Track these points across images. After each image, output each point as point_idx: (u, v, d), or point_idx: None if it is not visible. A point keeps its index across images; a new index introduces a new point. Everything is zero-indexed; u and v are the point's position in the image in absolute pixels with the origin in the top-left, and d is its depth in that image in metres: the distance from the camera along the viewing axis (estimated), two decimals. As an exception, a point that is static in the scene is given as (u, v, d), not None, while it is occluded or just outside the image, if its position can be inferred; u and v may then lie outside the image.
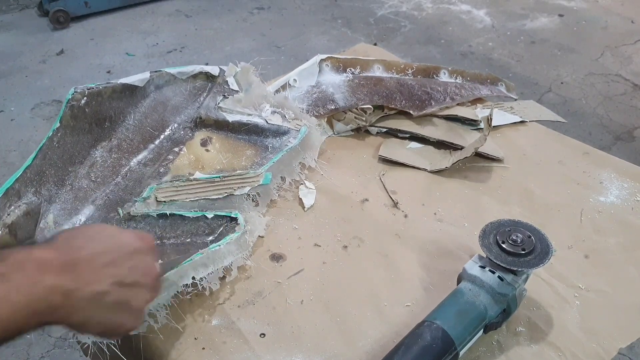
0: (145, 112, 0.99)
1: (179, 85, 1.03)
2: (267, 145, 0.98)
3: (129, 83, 0.95)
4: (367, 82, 1.12)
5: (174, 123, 1.01)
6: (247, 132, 1.00)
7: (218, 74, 1.06)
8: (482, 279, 0.68)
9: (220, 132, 1.01)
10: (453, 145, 1.03)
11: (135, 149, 0.96)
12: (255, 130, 1.00)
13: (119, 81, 0.94)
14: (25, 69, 3.04)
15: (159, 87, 1.01)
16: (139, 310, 0.55)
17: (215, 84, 1.05)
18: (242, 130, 1.00)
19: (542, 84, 2.82)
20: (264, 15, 3.61)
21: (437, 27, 3.41)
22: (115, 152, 0.94)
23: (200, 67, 1.05)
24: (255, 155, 0.97)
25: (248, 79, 1.05)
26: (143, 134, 0.97)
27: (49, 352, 1.63)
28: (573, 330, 0.72)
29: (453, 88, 1.15)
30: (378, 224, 0.89)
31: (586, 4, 3.63)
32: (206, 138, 0.99)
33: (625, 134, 2.49)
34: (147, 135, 0.98)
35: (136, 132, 0.97)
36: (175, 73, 1.02)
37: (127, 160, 0.94)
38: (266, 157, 0.95)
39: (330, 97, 1.08)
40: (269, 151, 0.97)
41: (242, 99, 1.03)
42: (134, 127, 0.97)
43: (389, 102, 1.08)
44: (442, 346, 0.63)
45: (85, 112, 0.89)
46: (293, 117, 1.01)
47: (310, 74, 1.13)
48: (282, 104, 1.03)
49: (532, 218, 0.87)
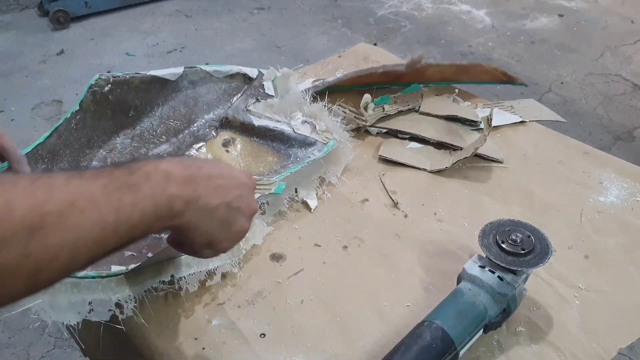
0: (174, 105, 0.99)
1: (214, 83, 1.03)
2: (291, 154, 0.96)
3: (159, 76, 0.95)
4: (355, 74, 1.12)
5: (200, 120, 1.01)
6: (272, 139, 0.98)
7: (256, 76, 1.05)
8: (481, 279, 0.68)
9: (245, 135, 0.99)
10: (453, 147, 1.03)
11: (157, 140, 0.96)
12: (280, 138, 0.97)
13: (148, 73, 0.94)
14: (25, 69, 3.04)
15: (192, 82, 1.01)
16: (237, 233, 0.61)
17: (251, 87, 1.04)
18: (267, 136, 0.98)
19: (542, 84, 2.82)
20: (264, 15, 3.61)
21: (437, 27, 3.41)
22: (136, 141, 0.94)
23: (238, 67, 1.04)
24: (275, 163, 0.95)
25: (287, 85, 1.04)
26: (167, 127, 0.98)
27: (49, 352, 1.63)
28: (573, 330, 0.72)
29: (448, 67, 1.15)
30: (378, 224, 0.89)
31: (586, 4, 3.63)
32: (229, 139, 0.99)
33: (625, 134, 2.49)
34: (172, 129, 0.98)
35: (161, 123, 0.97)
36: (211, 71, 1.02)
37: (146, 149, 0.95)
38: (286, 166, 0.93)
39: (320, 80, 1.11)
40: (291, 160, 0.94)
41: (275, 104, 1.01)
42: (160, 119, 0.97)
43: (375, 71, 1.09)
44: (442, 346, 0.63)
45: (108, 99, 0.91)
46: (324, 129, 0.97)
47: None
48: (316, 114, 1.00)
49: (532, 218, 0.87)
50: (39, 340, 1.66)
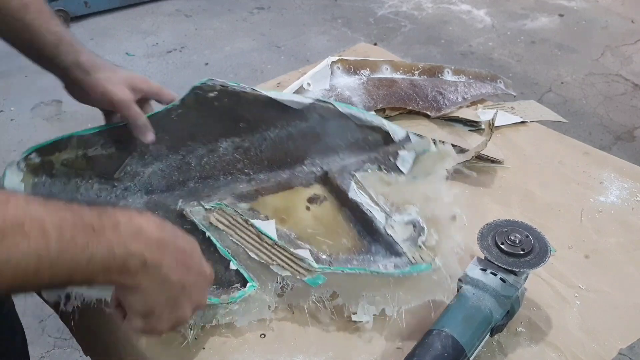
0: (292, 133, 0.87)
1: (346, 127, 0.87)
2: (371, 250, 0.76)
3: (279, 100, 0.85)
4: (381, 84, 1.11)
5: (309, 161, 0.87)
6: (360, 221, 0.80)
7: (400, 139, 0.84)
8: (484, 282, 0.68)
9: (337, 201, 0.82)
10: (454, 148, 1.03)
11: (258, 162, 0.88)
12: (366, 225, 0.78)
13: (265, 93, 0.84)
14: (25, 69, 3.03)
15: (323, 118, 0.87)
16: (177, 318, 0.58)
17: (384, 149, 0.84)
18: (356, 215, 0.80)
19: (542, 84, 2.82)
20: (264, 15, 3.61)
21: (437, 27, 3.40)
22: (239, 153, 0.87)
23: (381, 121, 0.86)
24: (345, 250, 0.76)
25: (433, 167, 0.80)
26: (274, 153, 0.87)
27: (48, 352, 1.63)
28: (573, 330, 0.72)
29: (462, 87, 1.15)
30: (378, 224, 0.88)
31: (586, 4, 3.63)
32: (320, 196, 0.83)
33: (625, 134, 2.49)
34: (277, 157, 0.87)
35: (269, 147, 0.87)
36: (347, 113, 0.86)
37: (242, 165, 0.87)
38: (350, 260, 0.75)
39: (348, 101, 1.05)
40: (362, 256, 0.75)
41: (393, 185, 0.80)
42: (271, 143, 0.88)
43: (405, 104, 1.08)
44: (453, 354, 0.62)
45: (213, 104, 0.84)
46: (433, 244, 0.73)
47: (323, 77, 1.08)
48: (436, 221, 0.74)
49: (533, 218, 0.87)
50: (39, 340, 1.65)
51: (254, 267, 0.74)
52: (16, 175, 0.80)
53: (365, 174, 0.80)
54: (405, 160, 0.79)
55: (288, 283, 0.72)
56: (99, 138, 0.83)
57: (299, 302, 0.73)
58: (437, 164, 0.77)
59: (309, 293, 0.72)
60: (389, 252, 0.73)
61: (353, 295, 0.71)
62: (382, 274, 0.70)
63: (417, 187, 0.77)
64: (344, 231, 0.78)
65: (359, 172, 0.81)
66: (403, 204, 0.76)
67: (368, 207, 0.78)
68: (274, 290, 0.73)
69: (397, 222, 0.74)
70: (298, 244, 0.77)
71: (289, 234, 0.78)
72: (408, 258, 0.71)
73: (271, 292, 0.73)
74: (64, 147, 0.82)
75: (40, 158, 0.81)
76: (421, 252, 0.72)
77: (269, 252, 0.74)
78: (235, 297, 0.71)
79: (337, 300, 0.72)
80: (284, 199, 0.82)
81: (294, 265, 0.72)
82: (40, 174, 0.82)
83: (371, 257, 0.73)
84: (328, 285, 0.71)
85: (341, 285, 0.71)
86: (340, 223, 0.78)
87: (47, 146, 0.82)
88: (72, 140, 0.82)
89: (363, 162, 0.81)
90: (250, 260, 0.74)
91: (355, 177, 0.81)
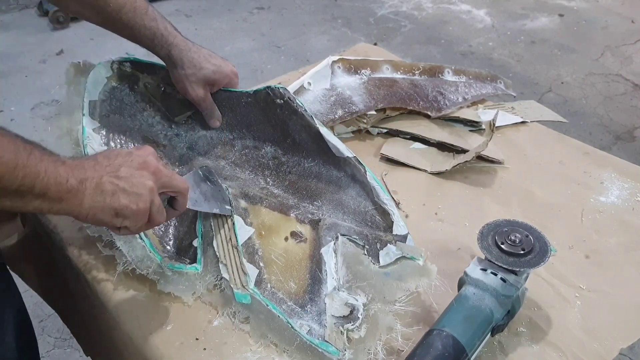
0: (322, 176, 0.89)
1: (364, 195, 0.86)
2: (305, 306, 0.74)
3: (325, 138, 0.86)
4: (382, 83, 1.11)
5: (318, 203, 0.87)
6: (314, 277, 0.78)
7: (397, 234, 0.80)
8: (485, 282, 0.68)
9: (311, 248, 0.81)
10: (454, 148, 1.03)
11: (281, 179, 0.90)
12: (315, 283, 0.76)
13: (318, 126, 0.86)
14: (25, 69, 3.03)
15: (351, 177, 0.87)
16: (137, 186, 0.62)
17: (377, 232, 0.81)
18: (315, 270, 0.78)
19: (542, 84, 2.82)
20: (264, 15, 3.61)
21: (437, 27, 3.40)
22: (273, 163, 0.92)
23: (394, 210, 0.82)
24: (287, 292, 0.76)
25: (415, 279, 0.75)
26: (298, 180, 0.90)
27: (48, 352, 1.63)
28: (574, 330, 0.72)
29: (463, 87, 1.15)
30: (379, 224, 0.88)
31: (586, 4, 3.63)
32: (304, 237, 0.82)
33: (625, 134, 2.49)
34: (297, 185, 0.89)
35: (297, 173, 0.90)
36: (371, 185, 0.84)
37: (269, 172, 0.91)
38: (283, 301, 0.74)
39: (349, 100, 1.05)
40: (295, 306, 0.74)
41: (364, 265, 0.77)
42: (302, 170, 0.90)
43: (406, 104, 1.08)
44: (454, 354, 0.62)
45: (276, 110, 0.90)
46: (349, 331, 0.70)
47: (324, 76, 1.09)
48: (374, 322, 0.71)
49: (533, 218, 0.87)
50: (39, 340, 1.65)
51: (210, 254, 0.78)
52: (105, 71, 0.93)
53: (347, 242, 0.80)
54: (388, 255, 0.77)
55: (222, 285, 0.76)
56: None
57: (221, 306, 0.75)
58: (413, 276, 0.75)
59: (230, 304, 0.74)
60: (316, 318, 0.72)
61: (259, 332, 0.71)
62: (294, 329, 0.69)
63: (381, 283, 0.75)
64: (298, 277, 0.78)
65: (343, 237, 0.80)
66: (357, 288, 0.75)
67: (327, 269, 0.77)
68: (207, 283, 0.77)
69: (340, 297, 0.73)
70: (255, 261, 0.78)
71: (256, 249, 0.80)
72: (325, 333, 0.70)
73: (205, 283, 0.77)
74: (154, 72, 0.95)
75: (132, 70, 0.95)
76: (340, 336, 0.69)
77: (227, 251, 0.78)
78: (174, 266, 0.75)
79: (245, 324, 0.73)
80: (275, 219, 0.84)
81: (236, 274, 0.75)
82: (124, 83, 0.94)
83: (301, 312, 0.73)
84: (248, 308, 0.72)
85: (257, 316, 0.72)
86: (301, 269, 0.78)
87: (142, 63, 0.95)
88: (163, 71, 0.94)
89: (354, 231, 0.81)
90: (209, 247, 0.79)
91: (338, 240, 0.80)
